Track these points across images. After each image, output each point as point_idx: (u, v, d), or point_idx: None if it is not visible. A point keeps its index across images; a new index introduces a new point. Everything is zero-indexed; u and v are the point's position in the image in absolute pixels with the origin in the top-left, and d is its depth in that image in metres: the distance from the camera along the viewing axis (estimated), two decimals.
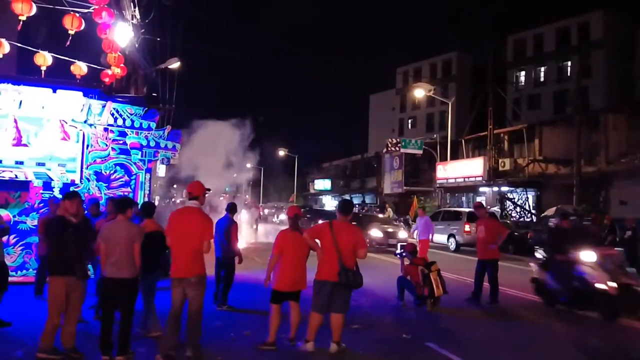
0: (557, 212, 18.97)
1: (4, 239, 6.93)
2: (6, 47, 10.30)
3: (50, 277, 5.41)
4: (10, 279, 6.76)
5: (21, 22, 9.25)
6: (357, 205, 41.31)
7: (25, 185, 9.33)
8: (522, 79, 45.70)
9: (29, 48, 11.27)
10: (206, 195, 5.82)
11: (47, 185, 9.36)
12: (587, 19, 40.19)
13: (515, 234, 18.65)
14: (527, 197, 28.04)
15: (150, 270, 5.99)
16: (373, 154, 47.07)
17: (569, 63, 41.12)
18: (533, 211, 26.65)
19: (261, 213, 34.75)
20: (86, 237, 5.47)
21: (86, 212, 7.61)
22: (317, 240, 6.04)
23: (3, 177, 9.15)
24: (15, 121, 9.25)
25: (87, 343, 5.64)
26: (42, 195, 9.34)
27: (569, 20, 41.60)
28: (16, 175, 9.26)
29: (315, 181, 56.26)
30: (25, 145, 9.34)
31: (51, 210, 7.59)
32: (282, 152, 56.63)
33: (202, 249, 5.42)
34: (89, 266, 6.50)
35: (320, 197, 55.94)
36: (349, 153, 54.54)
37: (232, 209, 8.26)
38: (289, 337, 6.13)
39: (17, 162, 9.30)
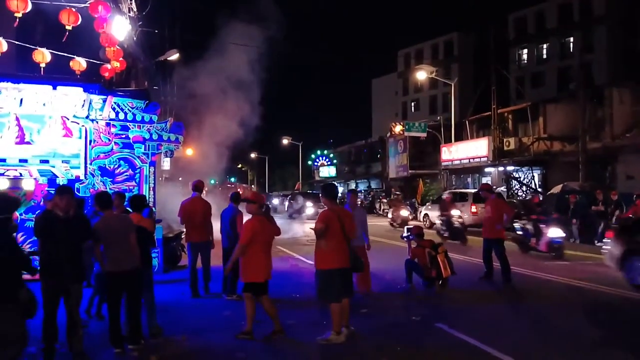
0: (563, 189, 18.91)
1: None
2: (4, 46, 10.27)
3: (41, 278, 5.05)
4: None
5: (17, 20, 9.20)
6: (362, 191, 41.29)
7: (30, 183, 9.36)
8: (525, 57, 45.25)
9: (27, 45, 11.23)
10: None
11: (52, 182, 9.38)
12: None
13: (522, 213, 18.57)
14: (533, 176, 27.93)
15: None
16: (377, 139, 46.91)
17: (572, 39, 40.66)
18: (539, 189, 26.54)
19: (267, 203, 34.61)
20: (78, 235, 5.12)
21: (92, 207, 7.64)
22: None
23: (8, 175, 9.18)
24: (18, 119, 9.25)
25: (97, 338, 5.70)
26: (48, 192, 9.37)
27: None
28: (21, 174, 9.28)
29: (320, 168, 56.22)
30: (28, 143, 9.35)
31: (46, 207, 7.55)
32: (285, 141, 56.54)
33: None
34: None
35: None
36: (352, 139, 54.42)
37: (236, 198, 8.28)
38: (274, 329, 5.93)
39: (21, 160, 9.31)
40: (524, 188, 27.52)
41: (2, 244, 4.19)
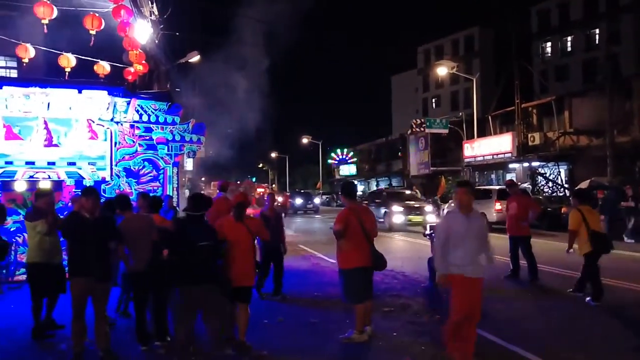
0: (591, 185, 18.51)
1: None
2: (31, 52, 10.51)
3: (70, 278, 5.20)
4: None
5: (45, 26, 9.40)
6: (383, 189, 41.11)
7: (58, 185, 9.57)
8: (549, 50, 44.43)
9: (53, 51, 11.47)
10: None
11: (79, 183, 9.58)
12: None
13: (549, 209, 18.21)
14: (559, 172, 27.39)
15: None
16: (398, 136, 46.65)
17: (597, 30, 39.74)
18: (566, 185, 26.03)
19: (290, 203, 34.47)
20: (104, 235, 5.23)
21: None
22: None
23: (37, 178, 9.41)
24: (45, 123, 9.49)
25: (124, 335, 5.81)
26: (75, 194, 9.56)
27: None
28: (49, 176, 9.51)
29: (341, 167, 56.15)
30: (56, 145, 9.58)
31: (73, 208, 7.69)
32: (305, 140, 56.64)
33: None
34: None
35: None
36: (373, 137, 54.21)
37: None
38: (238, 339, 5.51)
39: (49, 163, 9.55)
40: (550, 184, 27.04)
41: (206, 234, 4.93)
